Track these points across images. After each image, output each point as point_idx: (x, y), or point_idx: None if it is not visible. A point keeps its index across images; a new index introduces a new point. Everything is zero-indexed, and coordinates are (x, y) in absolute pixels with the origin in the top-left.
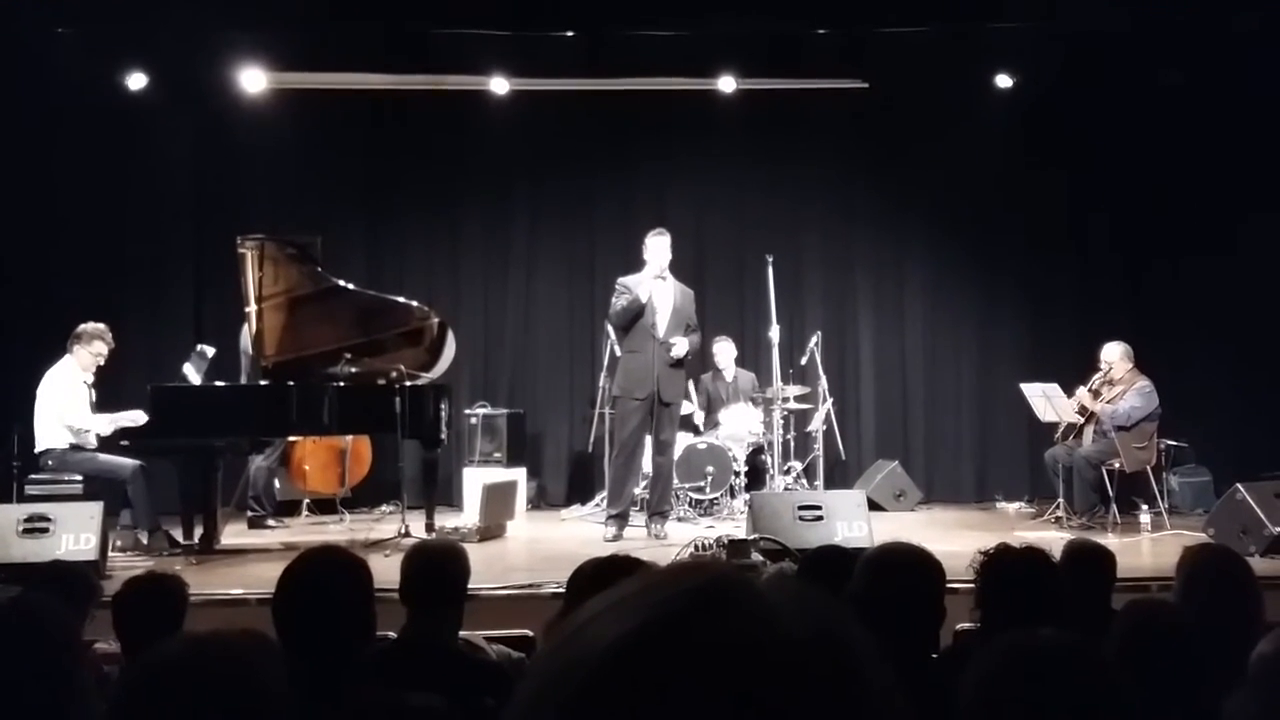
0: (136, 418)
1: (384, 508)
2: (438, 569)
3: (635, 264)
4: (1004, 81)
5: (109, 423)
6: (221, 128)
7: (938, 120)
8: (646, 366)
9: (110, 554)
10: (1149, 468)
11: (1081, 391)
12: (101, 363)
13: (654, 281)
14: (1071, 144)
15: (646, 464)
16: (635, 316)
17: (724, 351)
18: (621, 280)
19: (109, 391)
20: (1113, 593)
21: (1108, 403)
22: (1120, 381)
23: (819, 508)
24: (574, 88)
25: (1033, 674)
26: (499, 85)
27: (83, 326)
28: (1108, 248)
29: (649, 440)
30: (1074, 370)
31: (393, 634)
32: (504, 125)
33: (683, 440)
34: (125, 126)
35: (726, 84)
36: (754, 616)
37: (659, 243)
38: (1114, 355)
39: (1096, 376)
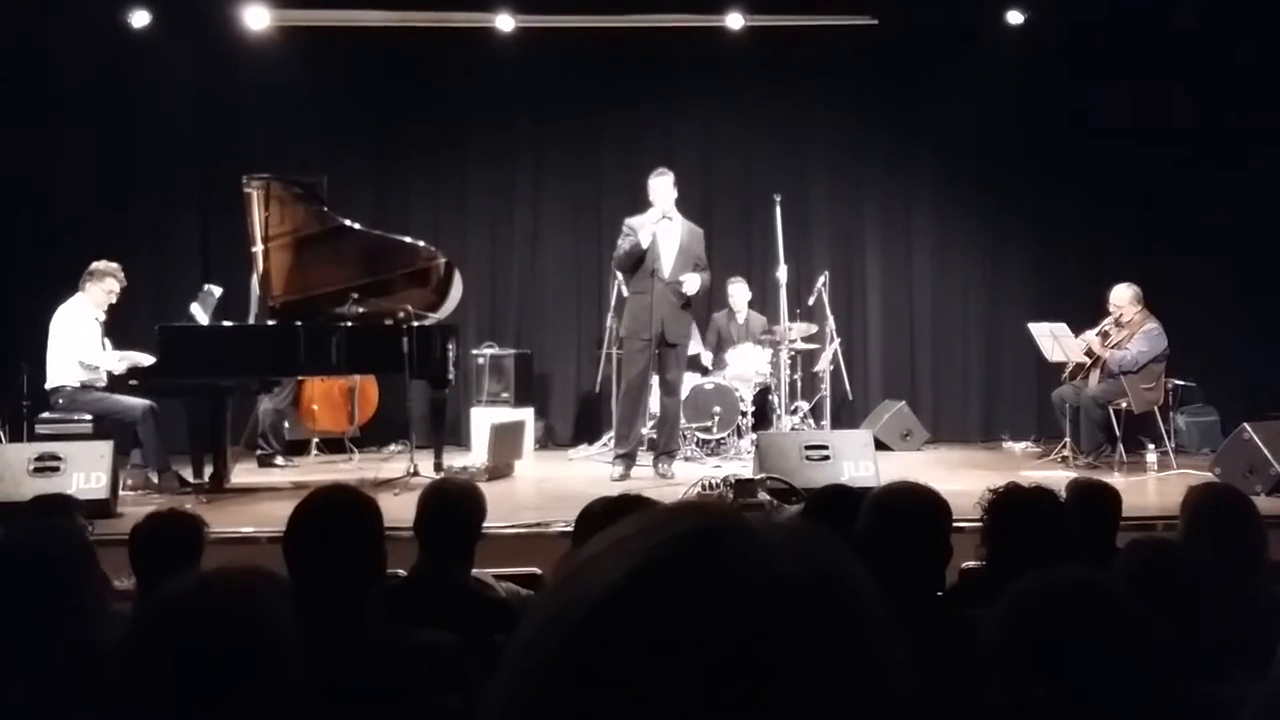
0: (146, 359)
1: (392, 447)
2: (454, 509)
3: (642, 204)
4: (1014, 18)
5: (119, 360)
6: (225, 66)
7: (947, 58)
8: (650, 308)
9: (121, 493)
10: (1156, 407)
11: (1089, 335)
12: (114, 300)
13: (659, 222)
14: (1082, 82)
15: (654, 404)
16: (637, 260)
17: (738, 293)
18: (628, 221)
19: (117, 330)
20: (1118, 531)
21: (1115, 346)
22: (1129, 324)
23: (826, 447)
24: (580, 25)
25: (1058, 611)
26: (504, 22)
27: (96, 264)
28: (1118, 186)
29: (656, 381)
30: (1082, 309)
31: (402, 572)
32: (510, 63)
33: (690, 380)
34: (129, 65)
35: (734, 21)
36: (748, 558)
37: (661, 183)
38: (1123, 299)
39: (1105, 320)
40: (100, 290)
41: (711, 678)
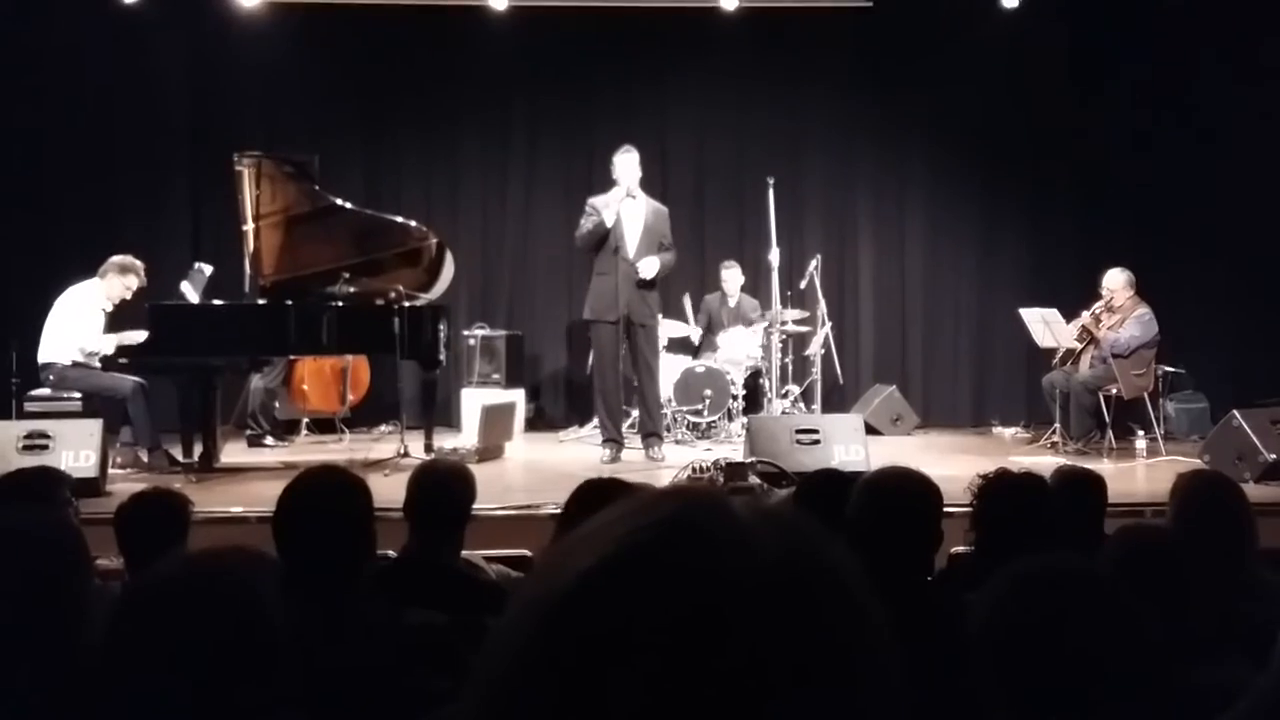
0: (137, 336)
1: (383, 428)
2: (444, 490)
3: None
4: (1010, 1)
5: (112, 342)
6: (217, 43)
7: (941, 41)
8: (614, 289)
9: (110, 471)
10: (1146, 394)
11: (1085, 315)
12: (128, 297)
13: (623, 201)
14: (1075, 65)
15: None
16: (600, 239)
17: (732, 278)
18: (590, 201)
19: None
20: (1105, 518)
21: (1108, 329)
22: (1120, 309)
23: (816, 431)
24: (574, 4)
25: (1042, 597)
26: (497, 1)
27: (122, 258)
28: (1110, 171)
29: (631, 363)
30: (1074, 295)
31: (392, 553)
32: (502, 42)
33: (681, 363)
34: (119, 41)
35: (728, 2)
36: (723, 542)
37: (626, 160)
38: (1117, 283)
39: (1097, 304)
40: (119, 284)
41: (682, 664)
